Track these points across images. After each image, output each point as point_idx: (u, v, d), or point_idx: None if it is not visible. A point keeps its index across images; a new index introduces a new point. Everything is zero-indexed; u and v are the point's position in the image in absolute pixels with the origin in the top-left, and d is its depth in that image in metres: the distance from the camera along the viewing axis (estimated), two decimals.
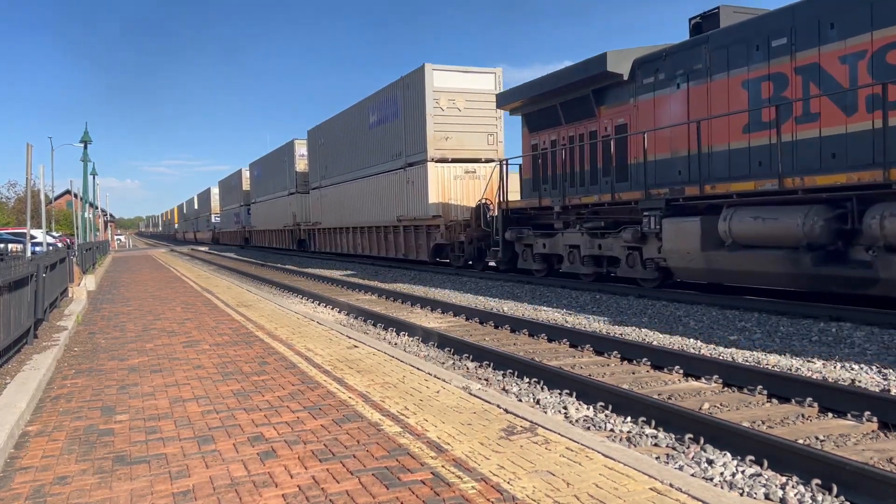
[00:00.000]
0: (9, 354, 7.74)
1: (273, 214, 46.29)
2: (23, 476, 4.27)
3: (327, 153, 34.41)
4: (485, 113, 22.95)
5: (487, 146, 23.18)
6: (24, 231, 20.72)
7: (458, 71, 22.97)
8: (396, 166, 25.18)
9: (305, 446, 4.63)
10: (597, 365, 8.40)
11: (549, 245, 17.11)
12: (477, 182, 22.67)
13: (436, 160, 22.57)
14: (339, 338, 8.97)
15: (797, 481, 4.55)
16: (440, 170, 22.63)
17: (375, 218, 27.72)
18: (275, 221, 45.83)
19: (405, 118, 24.31)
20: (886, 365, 7.61)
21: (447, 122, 22.69)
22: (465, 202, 22.42)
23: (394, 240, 26.24)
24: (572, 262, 16.28)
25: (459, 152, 22.89)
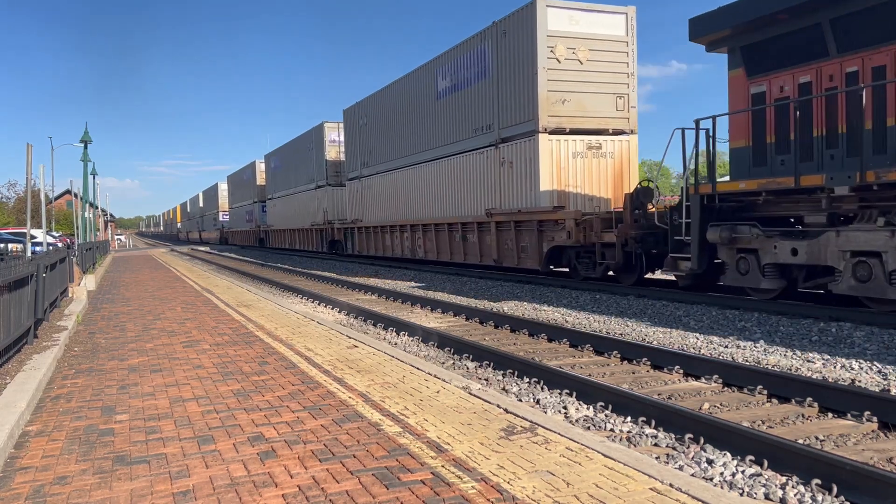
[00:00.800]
0: (9, 354, 7.74)
1: (296, 211, 40.52)
2: (23, 476, 4.27)
3: (372, 135, 28.30)
4: (614, 67, 17.24)
5: (616, 113, 17.38)
6: (24, 231, 20.73)
7: (581, 9, 17.08)
8: (483, 143, 19.45)
9: (305, 446, 4.63)
10: (597, 365, 8.41)
11: (804, 251, 10.64)
12: (602, 162, 17.32)
13: (550, 131, 16.74)
14: (339, 338, 8.97)
15: (797, 481, 4.55)
16: (556, 144, 16.86)
17: (448, 212, 21.65)
18: (299, 219, 40.00)
19: (500, 77, 18.42)
20: (886, 365, 7.61)
21: (565, 80, 16.85)
22: (588, 189, 17.21)
23: (479, 241, 20.06)
24: (864, 280, 9.81)
25: (581, 121, 17.03)
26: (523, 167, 17.54)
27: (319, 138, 35.22)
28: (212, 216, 78.16)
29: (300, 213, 39.66)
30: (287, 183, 42.57)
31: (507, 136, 18.24)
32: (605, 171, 17.34)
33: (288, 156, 42.34)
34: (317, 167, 35.89)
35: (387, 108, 26.71)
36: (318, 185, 35.83)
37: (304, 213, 38.63)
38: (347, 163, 31.84)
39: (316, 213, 36.32)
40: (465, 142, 20.59)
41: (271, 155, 47.87)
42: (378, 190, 27.79)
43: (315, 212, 36.49)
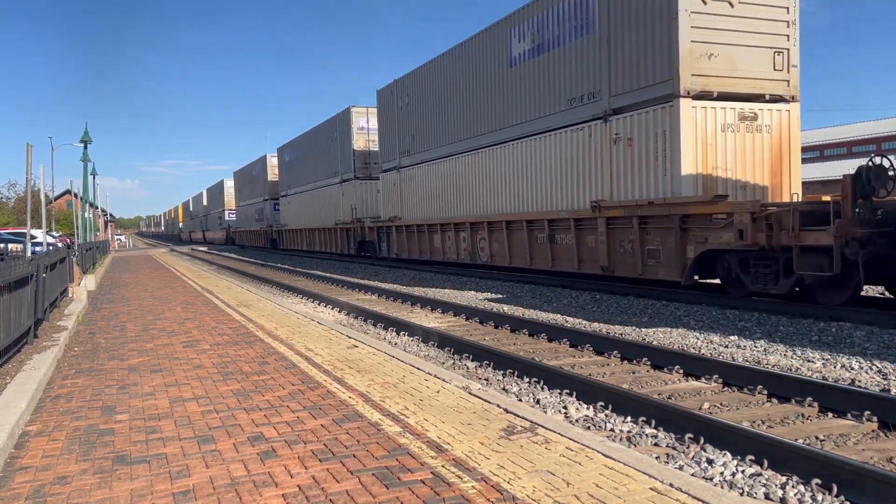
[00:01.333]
0: (9, 354, 7.74)
1: (317, 209, 36.35)
2: (23, 476, 4.27)
3: (415, 117, 24.12)
4: (771, 13, 13.35)
5: (774, 73, 13.39)
6: (24, 231, 20.72)
7: None
8: (582, 117, 15.38)
9: (305, 446, 4.63)
10: (597, 365, 8.41)
11: None
12: (758, 137, 13.32)
13: (694, 95, 12.79)
14: (339, 337, 8.97)
15: (797, 481, 4.55)
16: (701, 113, 12.90)
17: (528, 206, 17.63)
18: (320, 217, 35.77)
19: (612, 30, 14.35)
20: (886, 365, 7.61)
21: (712, 27, 12.91)
22: (740, 173, 13.25)
23: (576, 243, 15.60)
24: None
25: (731, 83, 13.09)
26: (651, 145, 13.44)
27: (345, 125, 30.86)
28: (216, 215, 73.79)
29: (322, 211, 35.32)
30: (305, 177, 38.21)
31: (622, 105, 14.18)
32: (761, 150, 13.37)
33: (306, 148, 37.67)
34: (342, 159, 31.74)
35: (436, 83, 22.61)
36: (343, 178, 31.99)
37: (327, 211, 34.41)
38: (383, 151, 27.45)
39: (341, 210, 32.24)
40: (553, 117, 16.52)
41: (285, 147, 43.04)
42: (423, 182, 23.67)
43: (341, 209, 32.31)
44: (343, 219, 32.39)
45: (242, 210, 60.00)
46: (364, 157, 30.67)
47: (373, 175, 29.75)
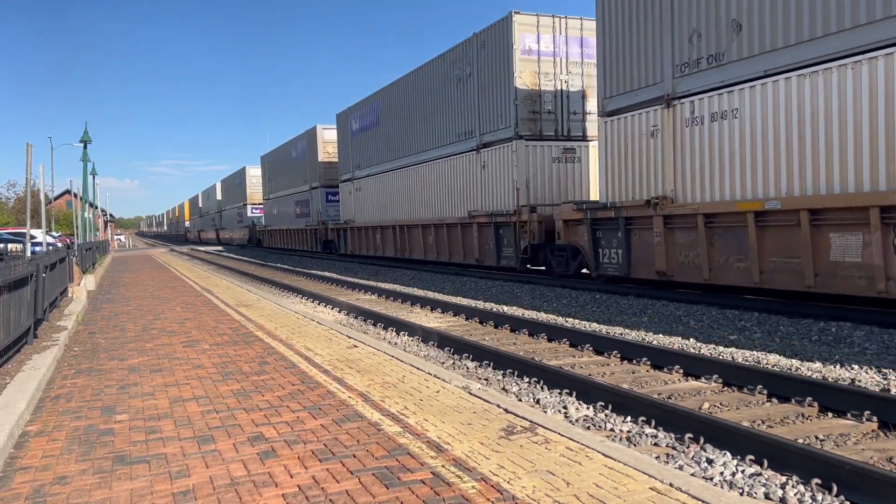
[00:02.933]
0: (9, 354, 7.74)
1: (420, 196, 24.63)
2: (23, 476, 4.26)
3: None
4: None
5: None
6: (23, 231, 20.72)
7: None
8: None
9: (305, 446, 4.63)
10: (597, 364, 8.41)
11: None
12: None
13: None
14: (338, 337, 8.97)
15: (797, 481, 4.55)
16: None
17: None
18: (425, 207, 24.14)
19: None
20: (886, 365, 7.62)
21: None
22: None
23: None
24: None
25: None
26: None
27: (505, 51, 18.84)
28: (235, 211, 62.43)
29: (434, 198, 23.57)
30: (392, 149, 27.17)
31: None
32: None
33: (396, 103, 26.64)
34: (483, 114, 20.12)
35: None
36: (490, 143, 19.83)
37: (443, 198, 22.91)
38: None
39: (483, 196, 20.41)
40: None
41: (351, 112, 31.72)
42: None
43: (479, 195, 20.62)
44: (479, 209, 21.30)
45: (274, 203, 48.32)
46: (528, 100, 18.57)
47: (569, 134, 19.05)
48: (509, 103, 18.58)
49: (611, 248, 14.82)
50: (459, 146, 21.62)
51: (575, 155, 18.79)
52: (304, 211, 40.88)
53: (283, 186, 45.90)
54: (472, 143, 20.78)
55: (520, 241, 18.00)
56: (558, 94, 18.73)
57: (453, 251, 22.34)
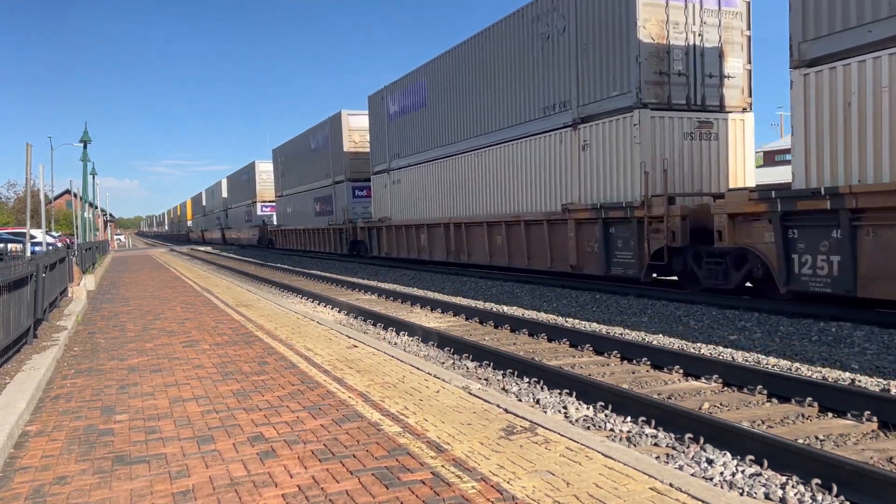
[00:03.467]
0: (8, 354, 7.74)
1: (484, 188, 20.36)
2: (22, 476, 4.26)
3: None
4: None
5: None
6: (23, 231, 20.73)
7: None
8: None
9: (305, 446, 4.62)
10: (597, 364, 8.40)
11: None
12: None
13: None
14: (338, 337, 8.96)
15: (797, 481, 4.54)
16: None
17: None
18: (493, 201, 19.90)
19: None
20: (886, 365, 7.62)
21: None
22: None
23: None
24: None
25: None
26: None
27: None
28: (243, 209, 57.79)
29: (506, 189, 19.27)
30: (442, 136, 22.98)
31: None
32: None
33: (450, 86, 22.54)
34: None
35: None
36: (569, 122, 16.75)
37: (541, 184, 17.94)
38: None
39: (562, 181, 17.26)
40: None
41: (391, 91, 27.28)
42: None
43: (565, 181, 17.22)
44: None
45: (289, 201, 43.81)
46: None
47: None
48: (628, 62, 14.36)
49: (816, 253, 10.41)
50: (544, 122, 17.17)
51: (712, 130, 14.67)
52: (325, 208, 35.83)
53: (299, 182, 41.08)
54: (564, 117, 16.40)
55: (648, 242, 13.75)
56: (690, 51, 14.44)
57: (534, 255, 17.61)
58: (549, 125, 16.98)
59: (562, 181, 16.55)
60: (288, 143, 43.98)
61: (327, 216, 35.44)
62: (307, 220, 39.40)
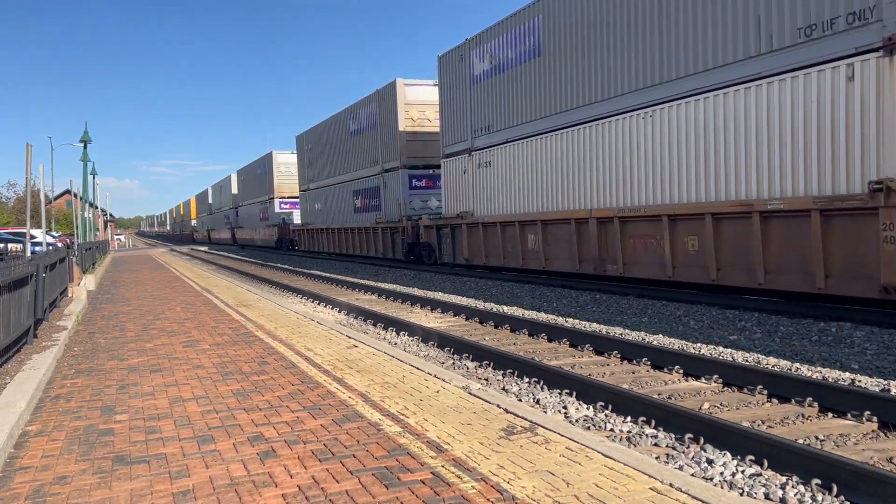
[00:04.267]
0: (9, 354, 7.74)
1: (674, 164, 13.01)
2: (22, 476, 4.26)
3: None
4: None
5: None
6: (23, 231, 20.73)
7: None
8: None
9: (305, 446, 4.62)
10: (597, 364, 8.40)
11: None
12: None
13: None
14: (338, 337, 8.96)
15: (797, 481, 4.54)
16: None
17: None
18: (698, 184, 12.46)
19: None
20: (886, 365, 7.61)
21: None
22: None
23: None
24: None
25: None
26: None
27: None
28: (257, 207, 51.38)
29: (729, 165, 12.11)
30: (577, 94, 16.17)
31: None
32: None
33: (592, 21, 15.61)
34: None
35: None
36: None
37: None
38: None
39: None
40: None
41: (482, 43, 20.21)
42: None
43: None
44: None
45: (318, 196, 36.97)
46: None
47: None
48: None
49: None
50: (809, 51, 10.49)
51: None
52: (370, 203, 29.17)
53: (333, 172, 34.21)
54: (857, 38, 9.80)
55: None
56: None
57: (786, 267, 10.95)
58: (822, 54, 10.28)
59: (867, 142, 9.74)
60: (318, 126, 36.54)
61: (372, 212, 28.78)
62: (343, 218, 32.55)
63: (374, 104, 28.38)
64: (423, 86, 26.09)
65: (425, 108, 25.94)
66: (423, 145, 25.70)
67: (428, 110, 25.75)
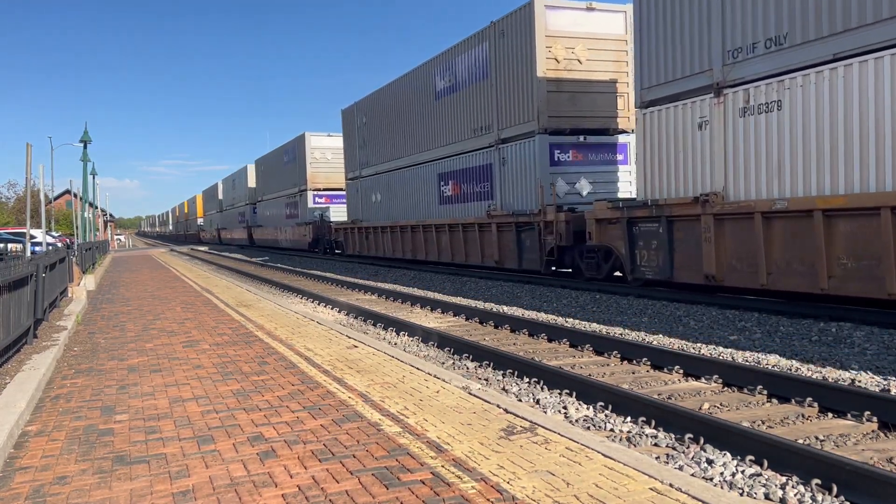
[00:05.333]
0: (8, 354, 7.74)
1: None
2: (22, 476, 4.26)
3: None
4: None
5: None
6: (23, 231, 20.73)
7: None
8: None
9: (305, 446, 4.62)
10: (597, 365, 8.40)
11: None
12: None
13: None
14: (338, 338, 8.96)
15: (797, 481, 4.54)
16: None
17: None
18: None
19: None
20: (886, 365, 7.61)
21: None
22: None
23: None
24: None
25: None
26: None
27: None
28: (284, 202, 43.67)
29: None
30: None
31: None
32: None
33: None
34: None
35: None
36: None
37: None
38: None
39: None
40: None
41: None
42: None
43: None
44: None
45: (376, 184, 28.58)
46: None
47: None
48: None
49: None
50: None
51: None
52: (471, 190, 21.04)
53: (403, 151, 25.85)
54: None
55: None
56: None
57: None
58: None
59: None
60: (378, 93, 28.08)
61: (476, 202, 20.63)
62: (421, 211, 24.36)
63: (487, 44, 19.75)
64: (573, 9, 17.88)
65: (575, 43, 17.72)
66: (572, 99, 17.67)
67: (579, 46, 17.73)
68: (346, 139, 32.75)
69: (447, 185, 22.64)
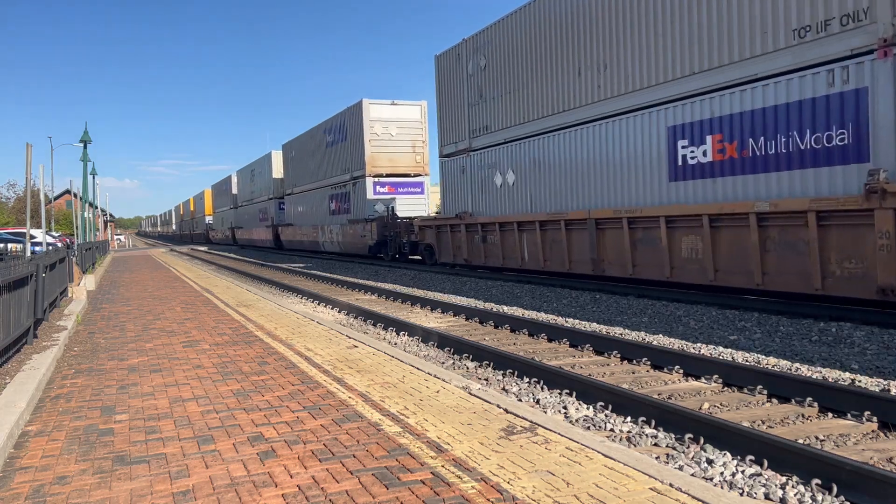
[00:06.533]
0: (9, 354, 7.74)
1: None
2: (22, 476, 4.26)
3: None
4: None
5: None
6: (23, 231, 20.73)
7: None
8: None
9: (305, 446, 4.62)
10: (597, 365, 8.40)
11: None
12: None
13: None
14: (338, 338, 8.96)
15: (797, 481, 4.54)
16: None
17: None
18: None
19: None
20: (886, 365, 7.61)
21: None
22: None
23: None
24: None
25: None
26: None
27: None
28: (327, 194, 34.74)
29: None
30: None
31: None
32: None
33: None
34: None
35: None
36: None
37: None
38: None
39: None
40: None
41: None
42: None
43: None
44: None
45: (501, 158, 19.21)
46: None
47: None
48: None
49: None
50: None
51: None
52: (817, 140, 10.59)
53: (557, 105, 16.68)
54: None
55: None
56: None
57: None
58: None
59: None
60: (510, 17, 18.56)
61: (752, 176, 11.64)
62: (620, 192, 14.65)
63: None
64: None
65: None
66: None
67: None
68: (443, 97, 23.00)
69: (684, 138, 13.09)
